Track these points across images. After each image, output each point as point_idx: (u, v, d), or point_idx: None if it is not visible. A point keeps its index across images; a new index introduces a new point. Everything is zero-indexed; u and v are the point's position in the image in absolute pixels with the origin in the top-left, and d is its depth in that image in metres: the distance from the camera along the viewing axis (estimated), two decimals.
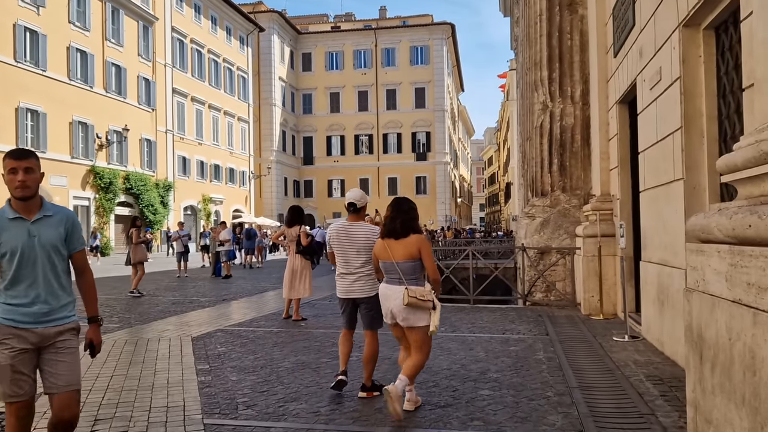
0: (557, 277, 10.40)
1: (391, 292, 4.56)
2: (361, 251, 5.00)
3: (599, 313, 9.11)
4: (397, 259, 4.54)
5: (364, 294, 5.01)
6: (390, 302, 4.55)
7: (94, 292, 3.26)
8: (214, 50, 44.60)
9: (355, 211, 5.16)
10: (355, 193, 5.20)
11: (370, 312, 5.02)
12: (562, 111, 10.65)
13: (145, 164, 36.11)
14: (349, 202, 5.16)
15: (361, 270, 5.00)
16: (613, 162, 9.29)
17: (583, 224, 9.92)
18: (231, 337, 7.80)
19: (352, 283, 5.03)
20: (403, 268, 4.53)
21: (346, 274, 5.07)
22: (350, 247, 5.04)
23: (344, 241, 5.07)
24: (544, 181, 10.88)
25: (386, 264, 4.64)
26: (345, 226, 5.14)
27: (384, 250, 4.64)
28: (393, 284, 4.59)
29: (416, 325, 4.48)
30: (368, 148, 59.18)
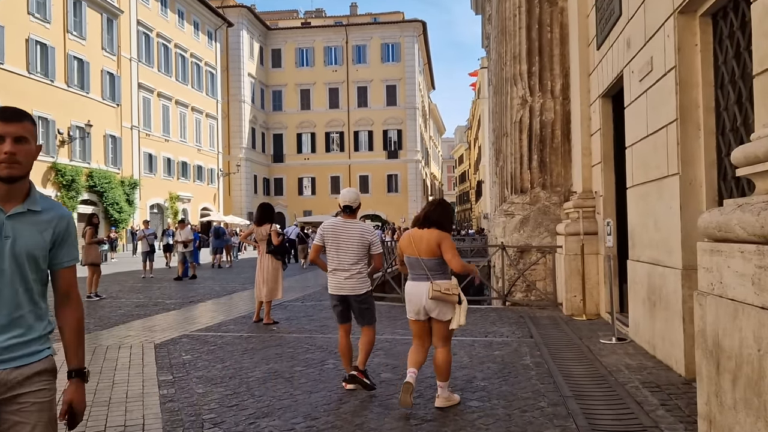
0: (537, 276, 10.11)
1: (419, 289, 4.63)
2: (356, 249, 5.12)
3: (582, 313, 8.83)
4: (422, 256, 4.63)
5: (355, 291, 5.11)
6: (422, 299, 4.60)
7: (81, 331, 2.24)
8: (181, 45, 43.57)
9: (351, 212, 5.27)
10: (350, 195, 5.27)
11: (364, 308, 5.19)
12: (542, 106, 10.36)
13: (109, 161, 35.03)
14: (345, 205, 5.25)
15: (353, 267, 5.11)
16: (595, 158, 9.02)
17: (564, 222, 9.64)
18: (197, 343, 7.31)
19: (344, 279, 5.12)
20: (429, 265, 4.62)
21: (338, 271, 5.15)
22: (345, 245, 5.14)
23: (339, 238, 5.17)
24: (523, 177, 10.58)
25: (411, 260, 4.73)
26: (341, 224, 5.23)
27: (410, 244, 4.73)
28: (420, 281, 4.65)
29: (446, 318, 4.60)
30: (339, 146, 58.58)
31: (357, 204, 5.28)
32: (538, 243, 10.17)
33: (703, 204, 5.32)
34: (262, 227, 8.73)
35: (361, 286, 5.15)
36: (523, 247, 10.22)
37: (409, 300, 4.76)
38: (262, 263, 8.72)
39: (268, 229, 8.68)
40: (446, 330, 4.65)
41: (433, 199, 5.25)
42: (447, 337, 4.70)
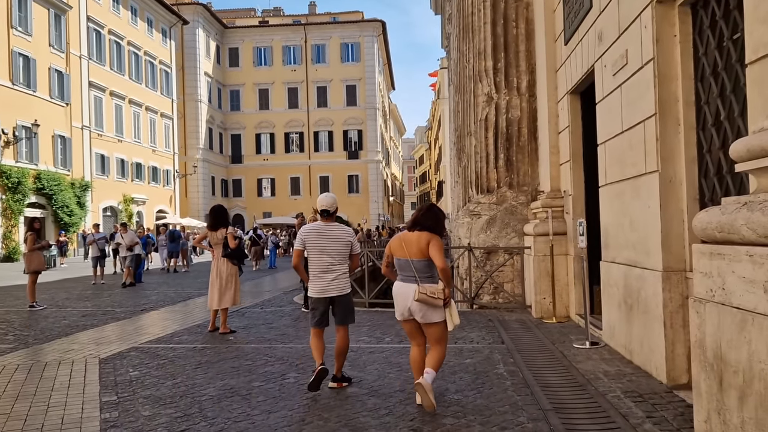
0: (505, 278, 9.84)
1: (408, 290, 4.70)
2: (340, 250, 5.31)
3: (552, 316, 8.58)
4: (412, 257, 4.70)
5: (341, 292, 5.31)
6: (408, 300, 4.68)
7: None
8: (134, 42, 42.29)
9: (329, 215, 5.38)
10: (327, 200, 5.42)
11: (345, 308, 5.35)
12: (508, 103, 10.10)
13: (58, 162, 33.68)
14: (323, 209, 5.38)
15: (339, 268, 5.30)
16: (563, 156, 8.79)
17: (532, 222, 9.39)
18: (147, 357, 6.77)
19: (330, 282, 5.27)
20: (418, 266, 4.69)
21: (323, 273, 5.28)
22: (329, 247, 5.29)
23: (323, 241, 5.30)
24: (489, 177, 10.30)
25: (401, 261, 4.79)
26: (322, 227, 5.36)
27: (400, 247, 4.81)
28: (409, 282, 4.72)
29: (432, 321, 4.69)
30: (299, 147, 57.85)
31: (334, 208, 5.41)
32: (506, 244, 9.90)
33: (683, 202, 5.07)
34: (217, 231, 8.22)
35: (347, 285, 5.37)
36: (491, 248, 9.94)
37: (396, 300, 4.85)
38: (217, 268, 8.21)
39: (224, 232, 8.18)
40: (438, 332, 4.73)
41: (423, 204, 5.36)
42: (441, 338, 4.77)
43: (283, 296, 13.14)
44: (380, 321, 9.00)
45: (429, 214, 4.87)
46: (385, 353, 6.69)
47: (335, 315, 5.37)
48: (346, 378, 5.39)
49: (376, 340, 7.49)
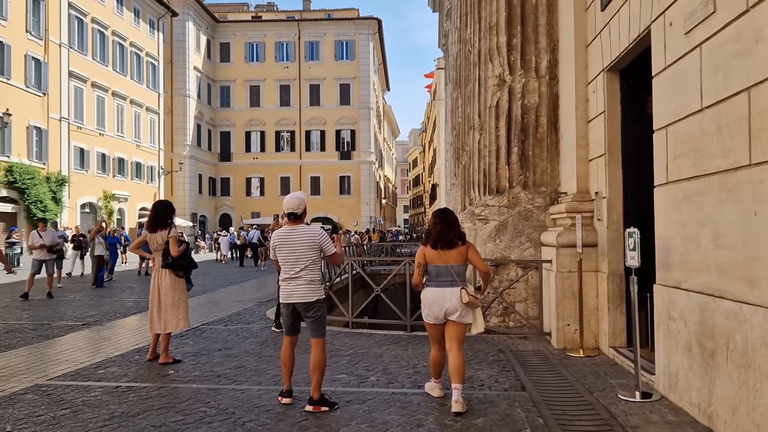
0: (517, 296, 8.15)
1: (445, 293, 4.96)
2: (304, 254, 4.98)
3: (578, 347, 6.90)
4: (452, 263, 4.98)
5: (305, 298, 4.97)
6: (445, 303, 4.94)
7: None
8: (119, 32, 40.40)
9: (296, 218, 5.06)
10: (292, 201, 5.04)
11: (315, 318, 5.01)
12: (524, 86, 8.43)
13: (33, 155, 31.78)
14: (288, 212, 5.04)
15: (302, 274, 4.97)
16: (595, 150, 7.12)
17: (553, 230, 7.71)
18: (44, 403, 5.01)
19: (295, 287, 5.00)
20: (458, 271, 5.01)
21: (288, 279, 5.03)
22: (292, 251, 5.00)
23: (287, 246, 5.02)
24: (500, 174, 8.61)
25: (440, 268, 5.01)
26: (286, 232, 5.06)
27: (438, 255, 5.00)
28: (445, 286, 4.97)
29: (466, 321, 4.99)
30: (290, 146, 56.05)
31: (301, 210, 5.03)
32: (519, 255, 8.21)
33: None
34: (157, 234, 6.48)
35: (311, 293, 4.99)
36: (500, 261, 8.24)
37: (431, 304, 5.01)
38: (157, 282, 6.48)
39: (165, 236, 6.44)
40: (464, 332, 5.04)
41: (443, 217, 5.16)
42: (463, 340, 5.06)
43: (256, 309, 11.41)
44: (365, 348, 7.29)
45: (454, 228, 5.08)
46: (367, 404, 4.98)
47: (307, 326, 5.07)
48: (325, 400, 4.86)
49: (357, 380, 5.78)
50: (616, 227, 6.69)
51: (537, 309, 8.09)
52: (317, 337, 4.99)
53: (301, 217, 5.05)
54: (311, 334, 5.01)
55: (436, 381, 5.27)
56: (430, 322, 5.10)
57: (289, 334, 5.14)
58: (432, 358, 5.23)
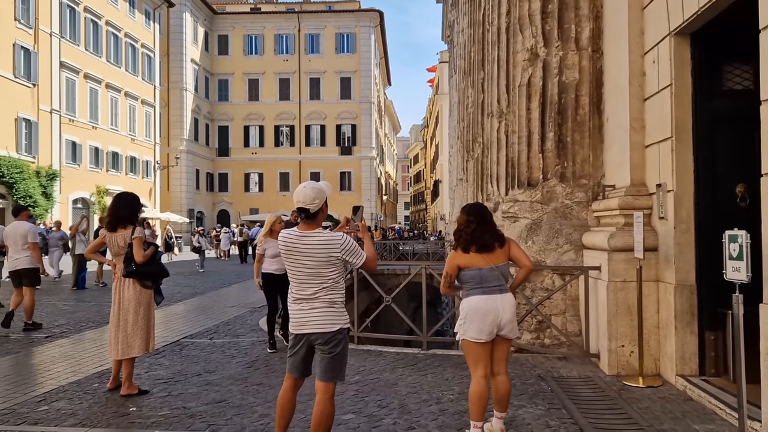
0: (554, 309, 6.90)
1: (496, 302, 4.09)
2: (320, 270, 3.61)
3: (636, 374, 5.66)
4: (498, 263, 4.17)
5: (323, 327, 3.60)
6: (499, 313, 4.08)
7: None
8: (113, 23, 39.06)
9: (310, 217, 3.65)
10: (304, 193, 3.62)
11: (332, 354, 3.60)
12: (561, 61, 7.17)
13: (22, 148, 30.52)
14: (299, 208, 3.63)
15: (318, 294, 3.62)
16: (654, 133, 5.87)
17: (601, 230, 6.46)
18: None
19: (308, 312, 3.62)
20: (504, 272, 4.20)
21: (299, 300, 3.67)
22: (304, 266, 3.63)
23: (297, 256, 3.64)
24: (532, 165, 7.36)
25: (483, 271, 4.13)
26: (295, 237, 3.67)
27: (477, 257, 4.15)
28: (494, 293, 4.12)
29: (516, 334, 4.32)
30: (289, 140, 54.82)
31: (318, 205, 3.65)
32: (556, 260, 6.96)
33: None
34: (118, 234, 5.24)
35: (332, 320, 3.65)
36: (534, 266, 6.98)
37: (483, 317, 4.06)
38: (118, 294, 5.23)
39: (127, 236, 5.19)
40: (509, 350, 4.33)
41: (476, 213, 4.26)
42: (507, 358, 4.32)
43: (248, 316, 10.17)
44: (374, 373, 6.05)
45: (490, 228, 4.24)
46: None
47: (318, 363, 3.67)
48: None
49: (368, 423, 4.53)
50: (685, 227, 5.45)
51: (577, 324, 6.84)
52: (328, 380, 3.61)
53: (315, 217, 3.67)
54: (321, 375, 3.62)
55: (477, 426, 4.03)
56: (481, 341, 4.07)
57: (295, 375, 3.77)
58: (475, 392, 4.04)
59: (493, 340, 4.15)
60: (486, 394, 4.06)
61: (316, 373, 3.67)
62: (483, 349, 4.11)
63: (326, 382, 3.61)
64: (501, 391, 4.18)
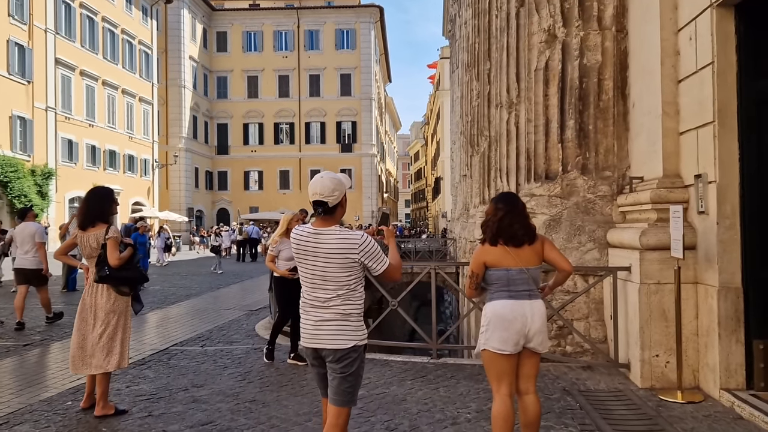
0: (576, 313, 6.31)
1: (524, 308, 3.55)
2: (335, 274, 3.11)
3: (674, 387, 5.06)
4: (529, 265, 3.60)
5: (335, 344, 3.08)
6: (527, 321, 3.54)
7: None
8: (109, 19, 38.46)
9: (328, 213, 3.17)
10: (321, 184, 3.15)
11: (345, 375, 3.08)
12: (582, 42, 6.56)
13: (17, 146, 29.95)
14: (314, 201, 3.16)
15: (332, 303, 3.11)
16: (691, 118, 5.27)
17: (629, 227, 5.85)
18: None
19: (319, 323, 3.12)
20: (535, 276, 3.64)
21: (310, 309, 3.18)
22: (317, 267, 3.14)
23: (309, 257, 3.17)
24: (550, 156, 6.75)
25: (511, 272, 3.59)
26: (308, 235, 3.19)
27: (505, 255, 3.60)
28: (522, 298, 3.57)
29: (547, 347, 3.71)
30: (289, 138, 54.21)
31: (337, 198, 3.19)
32: (578, 260, 6.36)
33: None
34: (89, 233, 4.64)
35: (346, 335, 3.10)
36: None
37: (509, 325, 3.52)
38: (91, 301, 4.63)
39: (100, 236, 4.59)
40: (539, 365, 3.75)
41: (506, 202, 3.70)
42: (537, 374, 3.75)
43: (244, 320, 9.59)
44: (380, 386, 5.45)
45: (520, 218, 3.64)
46: None
47: (329, 383, 3.18)
48: None
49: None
50: (729, 223, 4.86)
51: (602, 329, 6.25)
52: (340, 404, 3.11)
53: (334, 212, 3.22)
54: (332, 397, 3.14)
55: None
56: (505, 352, 3.52)
57: (324, 395, 3.30)
58: (499, 414, 3.49)
59: (520, 353, 3.61)
60: (512, 415, 3.50)
61: (328, 394, 3.18)
62: (507, 362, 3.56)
63: (338, 407, 3.12)
64: (531, 413, 3.62)
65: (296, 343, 6.64)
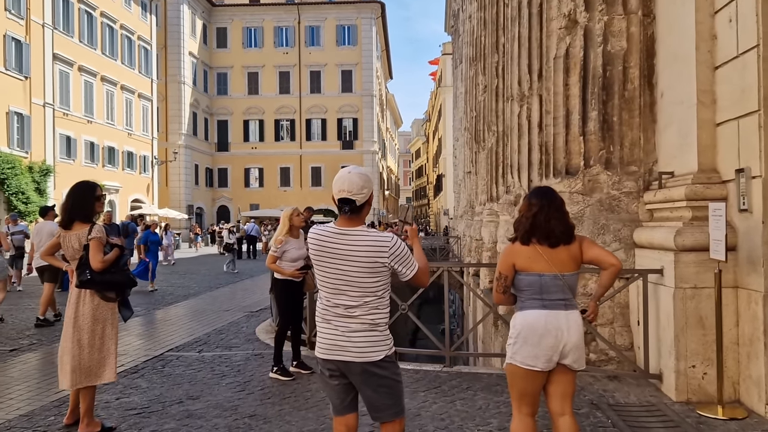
0: (600, 318, 5.88)
1: (559, 320, 3.13)
2: (362, 279, 2.75)
3: (713, 402, 4.63)
4: (564, 271, 3.16)
5: (364, 356, 2.72)
6: (562, 335, 3.12)
7: None
8: (108, 14, 37.97)
9: (353, 211, 2.79)
10: (349, 180, 2.77)
11: (381, 386, 2.76)
12: (605, 27, 6.12)
13: (14, 143, 29.50)
14: (341, 198, 2.77)
15: (357, 311, 2.76)
16: (729, 108, 4.83)
17: (666, 226, 5.40)
18: None
19: (345, 335, 2.75)
20: (571, 283, 3.22)
21: (332, 318, 2.80)
22: (341, 272, 2.78)
23: (330, 260, 2.81)
24: (570, 149, 6.32)
25: (545, 279, 3.16)
26: (332, 235, 2.83)
27: (537, 257, 3.17)
28: (557, 308, 3.15)
29: (582, 365, 3.26)
30: (290, 135, 53.80)
31: (365, 196, 2.78)
32: None
33: None
34: (72, 233, 4.21)
35: (375, 345, 2.75)
36: None
37: (540, 339, 3.10)
38: (74, 308, 4.19)
39: (84, 236, 4.16)
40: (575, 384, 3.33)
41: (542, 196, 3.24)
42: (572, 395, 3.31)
43: (244, 323, 9.17)
44: None
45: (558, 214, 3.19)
46: None
47: (367, 400, 2.81)
48: None
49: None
50: None
51: (627, 336, 5.82)
52: (393, 416, 2.81)
53: (361, 211, 2.84)
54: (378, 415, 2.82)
55: None
56: (535, 368, 3.14)
57: (341, 413, 2.91)
58: None
59: (552, 370, 3.21)
60: None
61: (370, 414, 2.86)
62: (534, 380, 3.17)
63: (390, 422, 2.82)
64: None
65: (299, 350, 6.19)
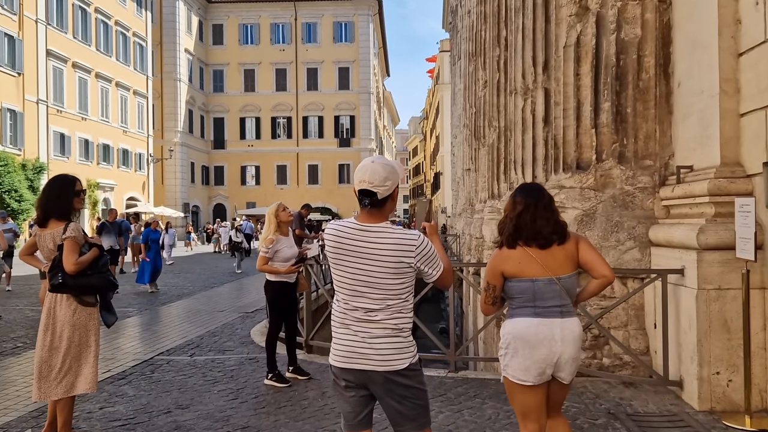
0: (613, 321, 5.57)
1: (553, 330, 2.84)
2: (385, 279, 2.48)
3: (740, 411, 4.33)
4: (560, 273, 2.87)
5: (388, 365, 2.46)
6: (557, 346, 2.83)
7: None
8: (103, 10, 37.56)
9: (374, 204, 2.49)
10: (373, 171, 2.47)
11: (406, 397, 2.49)
12: (619, 14, 5.81)
13: (7, 140, 29.16)
14: (361, 190, 2.49)
15: (382, 317, 2.49)
16: (755, 97, 4.53)
17: (685, 223, 5.10)
18: None
19: (366, 341, 2.48)
20: (568, 286, 2.90)
21: (352, 323, 2.52)
22: (362, 271, 2.50)
23: (350, 258, 2.53)
24: (581, 142, 6.00)
25: (539, 284, 2.87)
26: (353, 231, 2.54)
27: (528, 260, 2.88)
28: (551, 316, 2.86)
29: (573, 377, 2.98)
30: (287, 132, 53.48)
31: (389, 189, 2.48)
32: (616, 260, 5.61)
33: None
34: (46, 231, 3.87)
35: (399, 353, 2.48)
36: None
37: (532, 350, 2.82)
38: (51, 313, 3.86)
39: (58, 234, 3.82)
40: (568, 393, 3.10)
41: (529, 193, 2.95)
42: None
43: (239, 324, 8.84)
44: None
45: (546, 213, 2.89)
46: None
47: (391, 414, 2.52)
48: None
49: None
50: None
51: (643, 340, 5.51)
52: (421, 427, 2.53)
53: (383, 205, 2.54)
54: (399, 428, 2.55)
55: None
56: (528, 383, 2.87)
57: (353, 429, 2.62)
58: None
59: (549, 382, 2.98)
60: None
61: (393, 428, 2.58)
62: (534, 395, 2.91)
63: None
64: None
65: (294, 354, 5.87)
